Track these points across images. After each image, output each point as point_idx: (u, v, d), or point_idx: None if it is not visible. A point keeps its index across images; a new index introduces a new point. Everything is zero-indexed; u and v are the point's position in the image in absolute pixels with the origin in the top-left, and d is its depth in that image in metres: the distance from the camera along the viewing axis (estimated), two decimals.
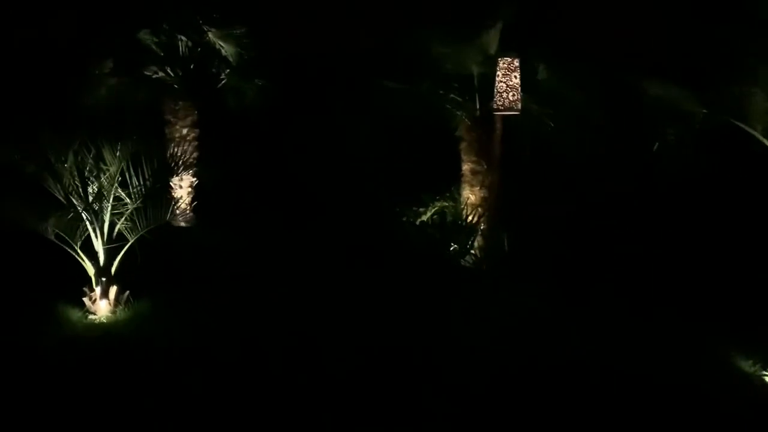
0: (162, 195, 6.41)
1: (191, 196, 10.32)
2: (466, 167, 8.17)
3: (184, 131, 10.27)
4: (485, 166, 7.99)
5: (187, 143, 10.26)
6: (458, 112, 8.03)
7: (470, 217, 7.76)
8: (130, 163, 6.29)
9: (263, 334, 6.08)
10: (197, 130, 10.35)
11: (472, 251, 7.70)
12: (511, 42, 7.51)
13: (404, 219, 8.44)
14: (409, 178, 8.97)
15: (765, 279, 5.95)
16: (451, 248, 7.68)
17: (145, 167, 6.31)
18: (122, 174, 6.34)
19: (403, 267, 7.51)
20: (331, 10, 10.60)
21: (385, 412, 5.04)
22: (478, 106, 7.97)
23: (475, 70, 7.69)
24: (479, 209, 8.02)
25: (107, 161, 6.17)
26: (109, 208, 6.28)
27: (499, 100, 7.04)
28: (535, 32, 7.69)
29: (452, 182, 8.50)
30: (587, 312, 6.55)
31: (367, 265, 7.66)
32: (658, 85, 5.68)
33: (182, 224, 10.26)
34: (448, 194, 8.51)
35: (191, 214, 10.34)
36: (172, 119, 10.26)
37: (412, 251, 7.84)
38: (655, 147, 5.88)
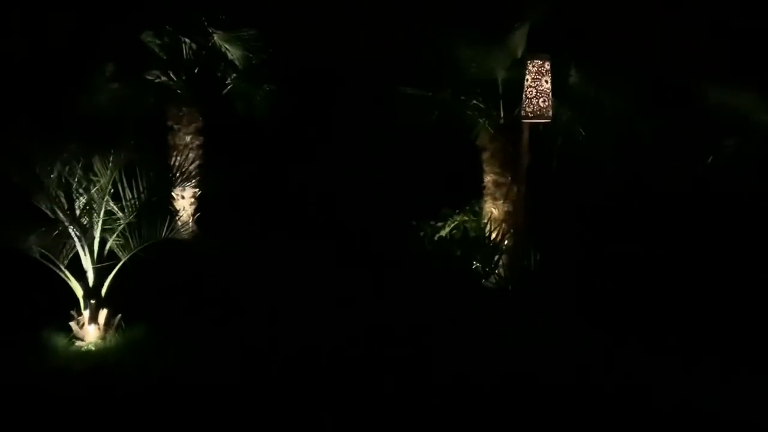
0: (158, 209, 5.76)
1: (194, 207, 9.73)
2: (488, 179, 7.49)
3: (188, 138, 9.67)
4: (510, 178, 7.31)
5: (191, 151, 9.67)
6: (480, 120, 7.36)
7: (494, 233, 7.07)
8: (123, 174, 5.67)
9: (271, 363, 5.42)
10: (202, 138, 9.73)
11: (496, 270, 7.01)
12: (539, 44, 6.85)
13: (421, 234, 7.78)
14: (427, 190, 8.31)
15: None
16: (474, 266, 7.01)
17: (139, 178, 5.68)
18: (116, 186, 5.73)
19: (420, 286, 6.85)
20: (345, 13, 9.96)
21: None
22: (502, 113, 7.30)
23: (501, 74, 7.02)
24: (503, 224, 7.34)
25: (98, 171, 5.54)
26: (100, 223, 5.64)
27: (528, 107, 6.36)
28: (566, 33, 7.02)
29: (473, 195, 7.84)
30: (623, 343, 5.85)
31: (381, 284, 7.01)
32: (721, 90, 4.97)
33: (184, 237, 9.69)
34: (468, 208, 7.85)
35: (194, 226, 9.73)
36: (175, 126, 9.66)
37: (429, 269, 7.17)
38: (709, 160, 5.18)
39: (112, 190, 5.71)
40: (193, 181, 9.43)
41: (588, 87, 6.84)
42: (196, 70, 9.50)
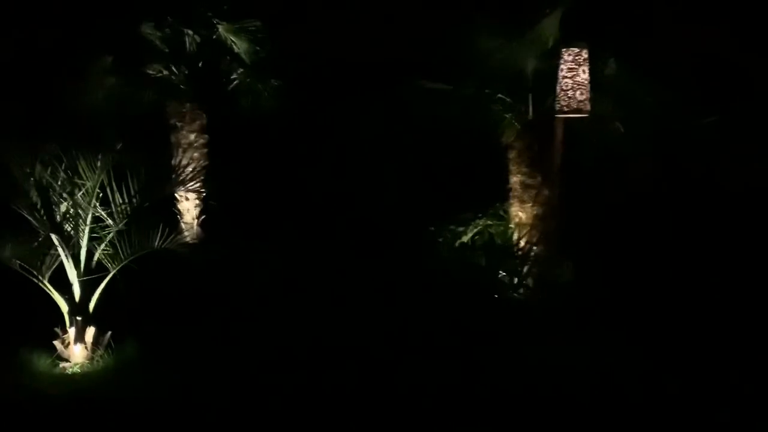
0: (152, 215, 5.11)
1: (199, 209, 9.11)
2: (515, 180, 6.78)
3: (192, 137, 9.04)
4: (539, 179, 6.61)
5: (195, 150, 9.06)
6: (506, 115, 6.65)
7: (522, 240, 6.38)
8: (111, 176, 5.03)
9: (276, 390, 4.77)
10: (206, 136, 9.12)
11: (524, 282, 6.32)
12: (572, 31, 6.14)
13: (440, 240, 7.10)
14: (446, 192, 7.62)
15: None
16: (500, 276, 6.32)
17: (130, 181, 5.04)
18: (106, 190, 5.10)
19: (439, 298, 6.17)
20: (358, 3, 9.27)
21: None
22: (530, 108, 6.60)
23: (530, 65, 6.30)
24: (531, 230, 6.64)
25: (83, 174, 4.91)
26: (87, 231, 5.01)
27: (564, 100, 5.66)
28: (603, 19, 6.31)
29: (497, 197, 7.14)
30: (666, 366, 5.15)
31: (395, 294, 6.34)
32: None
33: (188, 240, 9.08)
34: (491, 211, 7.15)
35: (198, 228, 9.12)
36: (178, 124, 9.03)
37: (449, 279, 6.48)
38: None
39: (100, 194, 5.09)
40: (197, 182, 9.10)
41: (628, 78, 6.13)
42: (199, 65, 8.87)
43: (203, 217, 9.04)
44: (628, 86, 6.17)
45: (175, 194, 9.00)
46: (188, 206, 9.01)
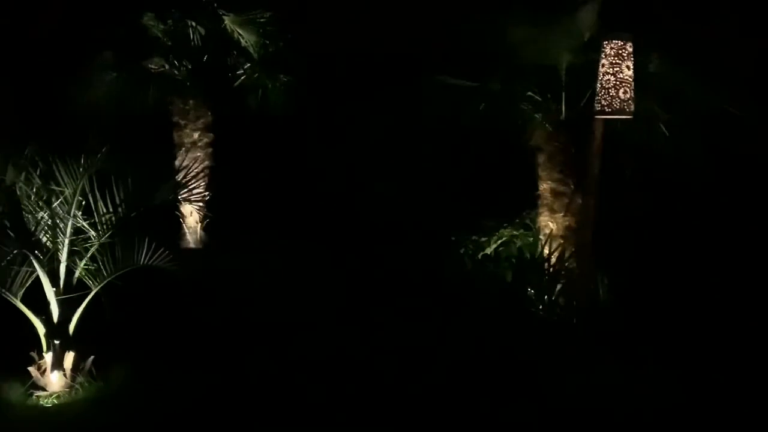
0: (141, 226, 4.48)
1: (203, 212, 8.50)
2: (544, 187, 6.09)
3: (196, 135, 8.44)
4: (572, 187, 5.93)
5: (198, 150, 8.46)
6: (536, 115, 5.97)
7: (554, 254, 5.69)
8: (95, 183, 4.42)
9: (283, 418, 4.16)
10: (211, 135, 8.52)
11: (556, 299, 5.64)
12: (613, 21, 5.44)
13: (461, 251, 6.43)
14: (468, 197, 6.96)
15: None
16: (528, 293, 5.64)
17: (114, 189, 4.42)
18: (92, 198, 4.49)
19: (461, 317, 5.52)
20: None
21: None
22: (563, 107, 5.91)
23: (564, 59, 5.61)
24: (562, 242, 5.96)
25: (61, 180, 4.30)
26: (66, 244, 4.40)
27: (605, 99, 4.95)
28: (646, 7, 5.60)
29: (523, 205, 6.47)
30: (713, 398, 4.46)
31: (412, 310, 5.70)
32: None
33: (191, 245, 8.49)
34: (518, 220, 6.48)
35: (202, 233, 8.53)
36: (181, 121, 8.44)
37: (472, 295, 5.83)
38: None
39: (83, 203, 4.48)
40: (197, 187, 8.50)
41: (674, 76, 5.41)
42: (204, 59, 8.27)
43: (207, 220, 8.43)
44: (675, 84, 5.45)
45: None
46: (191, 209, 8.40)
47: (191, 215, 8.43)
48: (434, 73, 6.28)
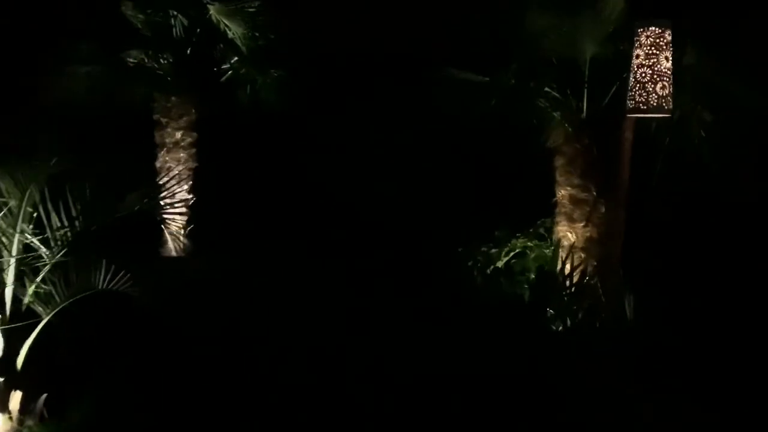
0: (96, 243, 3.77)
1: (186, 217, 7.79)
2: (563, 193, 5.42)
3: (178, 135, 7.70)
4: (595, 193, 5.26)
5: (181, 150, 7.74)
6: (555, 113, 5.31)
7: (577, 268, 5.02)
8: (46, 193, 3.71)
9: None
10: (195, 134, 7.79)
11: (579, 322, 4.97)
12: (642, 6, 4.78)
13: (469, 264, 5.76)
14: (476, 204, 6.29)
15: None
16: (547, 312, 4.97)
17: (69, 200, 3.71)
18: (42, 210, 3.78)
19: (472, 339, 4.85)
20: None
21: None
22: (585, 105, 5.24)
23: (589, 49, 4.94)
24: (582, 255, 5.30)
25: (5, 191, 3.59)
26: (13, 264, 3.70)
27: (640, 95, 4.28)
28: None
29: (538, 213, 5.81)
30: None
31: (416, 329, 5.03)
32: None
33: (173, 253, 7.78)
34: (532, 230, 5.82)
35: (185, 240, 7.81)
36: (162, 120, 7.71)
37: (484, 314, 5.15)
38: None
39: (34, 215, 3.78)
40: (185, 187, 7.83)
41: (713, 70, 4.75)
42: (188, 52, 7.55)
43: (191, 226, 7.72)
44: (714, 79, 4.79)
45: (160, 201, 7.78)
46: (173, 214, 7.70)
47: (174, 221, 7.71)
48: (441, 66, 5.61)
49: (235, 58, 7.63)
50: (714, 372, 4.46)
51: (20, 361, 3.77)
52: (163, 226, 7.82)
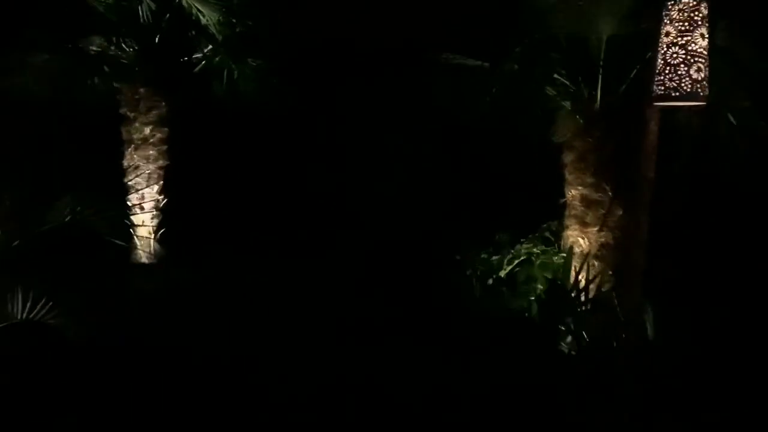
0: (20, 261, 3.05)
1: (157, 220, 7.06)
2: (573, 193, 4.73)
3: (147, 130, 6.92)
4: (610, 193, 4.59)
5: (150, 147, 6.99)
6: (564, 103, 4.63)
7: (594, 279, 4.33)
8: None
9: None
10: (166, 129, 7.04)
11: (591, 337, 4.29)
12: None
13: (468, 273, 5.07)
14: (473, 205, 5.61)
15: None
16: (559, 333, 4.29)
17: None
18: None
19: (472, 360, 4.17)
20: None
21: None
22: (599, 93, 4.56)
23: (606, 28, 4.25)
24: (595, 262, 4.62)
25: None
26: None
27: (671, 80, 3.58)
28: None
29: (544, 215, 5.13)
30: None
31: (408, 350, 4.35)
32: None
33: (143, 260, 7.04)
34: (537, 234, 5.14)
35: (156, 245, 7.08)
36: (129, 114, 6.95)
37: (486, 331, 4.47)
38: None
39: None
40: (156, 186, 7.12)
41: (749, 51, 4.08)
42: (156, 39, 6.80)
43: (163, 230, 6.99)
44: (750, 62, 4.12)
45: (128, 202, 7.05)
46: (143, 217, 6.97)
47: (143, 224, 6.99)
48: (433, 52, 4.91)
49: (209, 47, 6.91)
50: (749, 404, 3.81)
51: None
52: (131, 230, 7.18)
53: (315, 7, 7.17)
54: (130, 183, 6.96)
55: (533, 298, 4.73)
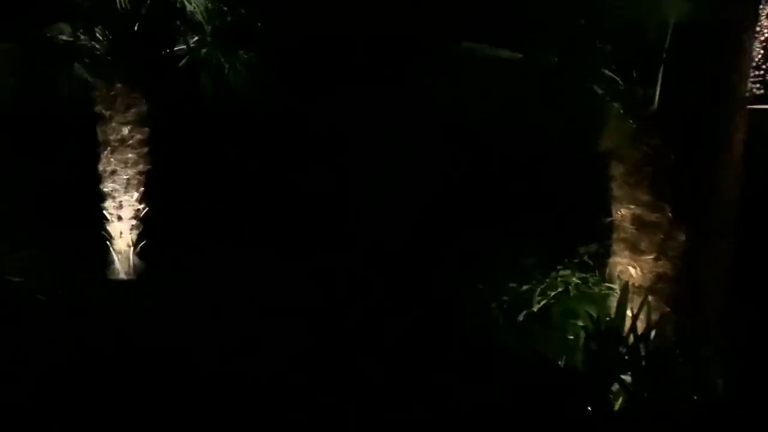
0: None
1: (137, 231, 6.22)
2: (623, 212, 3.84)
3: (125, 131, 6.14)
4: (670, 214, 3.73)
5: (128, 150, 6.17)
6: (614, 104, 3.77)
7: (656, 324, 3.46)
8: None
9: None
10: (146, 130, 6.24)
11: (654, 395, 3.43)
12: None
13: (493, 306, 4.19)
14: (499, 219, 4.73)
15: None
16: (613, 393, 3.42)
17: None
18: None
19: (497, 420, 3.32)
20: None
21: None
22: (657, 92, 3.69)
23: (673, 13, 3.39)
24: (649, 297, 3.76)
25: None
26: None
27: None
28: None
29: (583, 236, 4.27)
30: None
31: (423, 407, 3.49)
32: None
33: (121, 276, 6.21)
34: (576, 260, 4.27)
35: (135, 259, 6.25)
36: (105, 112, 6.15)
37: (514, 382, 3.61)
38: None
39: None
40: (135, 193, 6.30)
41: None
42: (135, 28, 5.96)
43: (143, 242, 6.16)
44: None
45: (104, 211, 6.22)
46: (121, 228, 6.14)
47: (121, 236, 6.15)
48: (454, 42, 4.04)
49: (196, 37, 6.07)
50: None
51: None
52: (108, 242, 6.38)
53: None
54: (106, 190, 6.20)
55: (572, 337, 3.87)
